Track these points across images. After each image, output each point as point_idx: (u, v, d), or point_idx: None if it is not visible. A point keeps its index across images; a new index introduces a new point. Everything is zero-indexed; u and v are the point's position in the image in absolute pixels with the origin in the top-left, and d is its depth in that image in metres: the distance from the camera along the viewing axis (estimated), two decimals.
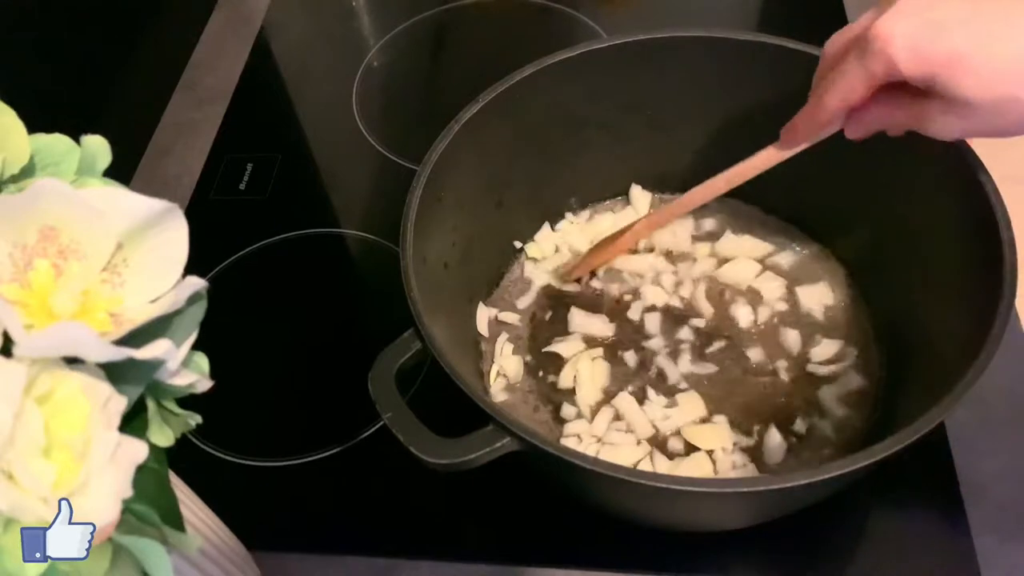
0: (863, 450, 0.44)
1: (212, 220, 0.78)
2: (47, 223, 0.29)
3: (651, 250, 0.71)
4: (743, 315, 0.66)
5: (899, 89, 0.46)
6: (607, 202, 0.73)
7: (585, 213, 0.73)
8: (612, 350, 0.65)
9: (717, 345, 0.64)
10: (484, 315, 0.67)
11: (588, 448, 0.60)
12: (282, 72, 0.93)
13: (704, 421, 0.61)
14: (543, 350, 0.65)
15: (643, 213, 0.72)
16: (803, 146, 0.55)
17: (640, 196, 0.72)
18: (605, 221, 0.72)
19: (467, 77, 0.73)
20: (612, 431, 0.61)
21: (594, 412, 0.62)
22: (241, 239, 0.76)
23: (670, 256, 0.70)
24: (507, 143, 0.64)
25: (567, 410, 0.62)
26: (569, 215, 0.72)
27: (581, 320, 0.66)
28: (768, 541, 0.56)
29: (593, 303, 0.68)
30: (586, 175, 0.71)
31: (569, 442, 0.60)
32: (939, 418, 0.44)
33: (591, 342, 0.65)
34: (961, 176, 0.53)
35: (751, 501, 0.48)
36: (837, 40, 0.50)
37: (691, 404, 0.61)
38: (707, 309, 0.66)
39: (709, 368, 0.63)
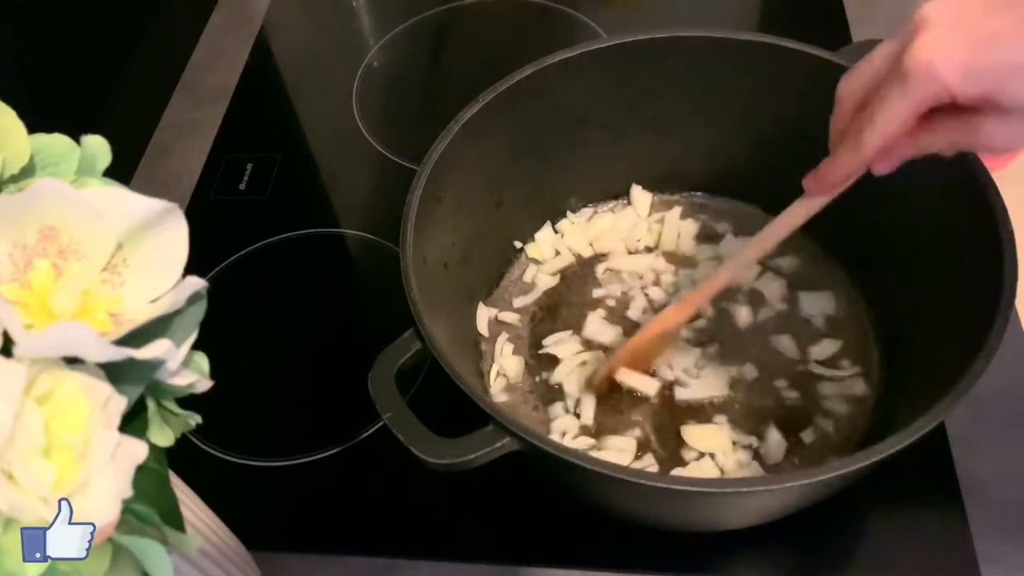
0: (863, 450, 0.44)
1: (212, 220, 0.78)
2: (47, 223, 0.29)
3: (652, 250, 0.71)
4: (743, 316, 0.66)
5: (940, 113, 0.43)
6: (607, 202, 0.73)
7: (585, 213, 0.73)
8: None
9: (717, 345, 0.64)
10: (484, 315, 0.67)
11: (578, 443, 0.60)
12: (282, 72, 0.93)
13: (706, 420, 0.61)
14: (540, 351, 0.65)
15: (643, 213, 0.72)
16: (831, 197, 0.51)
17: (640, 196, 0.72)
18: (605, 221, 0.72)
19: (467, 77, 0.73)
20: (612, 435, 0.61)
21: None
22: (241, 239, 0.76)
23: (671, 257, 0.70)
24: (507, 143, 0.64)
25: (556, 409, 0.62)
26: (569, 215, 0.72)
27: (597, 327, 0.66)
28: (768, 541, 0.56)
29: (611, 313, 0.67)
30: (586, 175, 0.71)
31: (561, 438, 0.61)
32: (939, 418, 0.44)
33: (591, 346, 0.65)
34: (961, 176, 0.53)
35: (751, 501, 0.48)
36: (851, 82, 0.47)
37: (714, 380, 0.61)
38: (708, 309, 0.66)
39: (709, 368, 0.63)
